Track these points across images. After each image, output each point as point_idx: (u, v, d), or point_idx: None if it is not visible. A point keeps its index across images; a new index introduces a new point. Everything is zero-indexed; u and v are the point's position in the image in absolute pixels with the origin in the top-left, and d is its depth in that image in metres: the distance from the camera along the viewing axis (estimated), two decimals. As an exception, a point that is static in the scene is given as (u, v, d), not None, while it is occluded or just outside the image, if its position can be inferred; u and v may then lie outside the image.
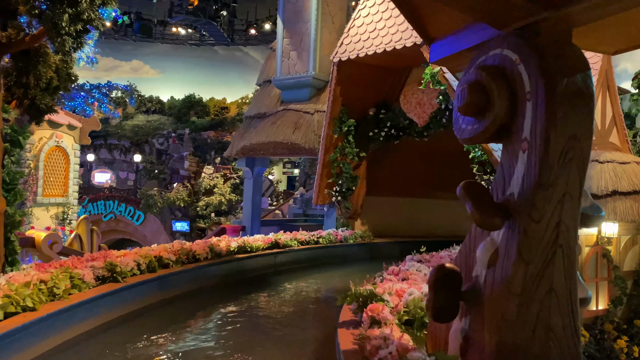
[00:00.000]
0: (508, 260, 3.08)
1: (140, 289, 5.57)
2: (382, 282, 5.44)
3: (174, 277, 6.27)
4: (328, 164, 11.22)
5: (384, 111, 10.93)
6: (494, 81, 3.12)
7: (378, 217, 12.19)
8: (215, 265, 7.22)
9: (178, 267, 6.49)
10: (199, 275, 6.83)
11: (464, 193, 3.22)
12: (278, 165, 37.53)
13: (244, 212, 14.52)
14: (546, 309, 3.03)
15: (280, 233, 9.40)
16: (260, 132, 12.90)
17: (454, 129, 3.46)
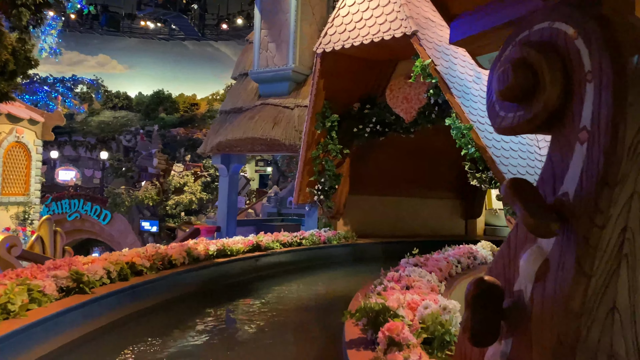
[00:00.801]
0: (563, 273, 2.55)
1: (110, 301, 4.92)
2: (385, 290, 4.94)
3: (149, 285, 5.63)
4: (310, 161, 10.67)
5: (369, 106, 10.45)
6: (545, 58, 2.59)
7: (361, 217, 11.71)
8: (193, 271, 6.59)
9: (153, 275, 5.85)
10: (176, 282, 6.19)
11: (512, 193, 2.66)
12: (250, 164, 36.87)
13: (219, 211, 13.85)
14: (608, 331, 2.52)
15: (261, 235, 8.81)
16: (237, 128, 12.26)
17: (489, 117, 2.91)
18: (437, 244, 12.44)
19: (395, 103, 9.99)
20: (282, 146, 11.65)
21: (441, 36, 8.94)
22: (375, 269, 9.98)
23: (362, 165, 11.45)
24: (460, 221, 14.02)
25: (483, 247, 8.45)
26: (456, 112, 8.08)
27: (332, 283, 8.31)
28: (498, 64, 2.85)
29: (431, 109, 9.37)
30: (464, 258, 7.32)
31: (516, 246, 3.15)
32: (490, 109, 2.83)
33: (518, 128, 2.90)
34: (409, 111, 9.77)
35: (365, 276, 9.24)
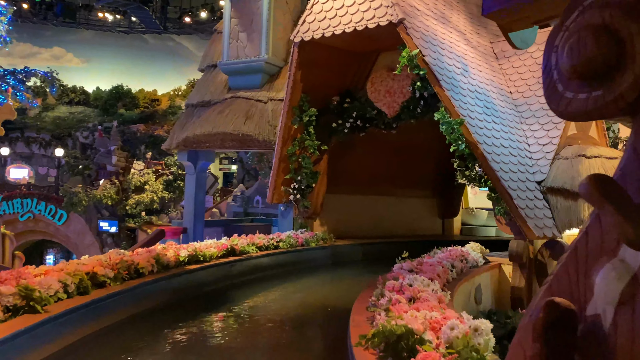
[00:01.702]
0: (662, 296, 1.96)
1: (68, 320, 4.16)
2: (390, 303, 4.35)
3: (113, 299, 4.87)
4: (285, 158, 10.01)
5: (349, 100, 9.86)
6: (636, 21, 2.03)
7: (338, 217, 11.13)
8: (163, 281, 5.85)
9: (117, 286, 5.10)
10: (144, 294, 5.45)
11: (599, 193, 2.04)
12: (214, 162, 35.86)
13: (186, 212, 13.02)
14: None
15: (235, 238, 8.11)
16: (206, 122, 11.48)
17: (549, 100, 2.30)
18: (418, 244, 11.99)
19: (377, 97, 9.44)
20: (255, 142, 10.95)
21: (427, 26, 8.44)
22: (358, 273, 9.43)
23: (339, 162, 10.87)
24: (437, 220, 13.63)
25: (473, 249, 8.00)
26: (445, 106, 7.58)
27: (315, 291, 7.69)
28: (563, 34, 2.20)
29: (416, 103, 8.86)
30: (457, 262, 6.83)
31: (587, 259, 2.49)
32: (550, 91, 2.21)
33: (595, 112, 2.26)
34: (392, 105, 9.24)
35: (349, 282, 8.69)
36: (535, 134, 8.45)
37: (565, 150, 8.23)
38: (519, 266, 7.61)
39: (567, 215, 7.60)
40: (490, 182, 7.55)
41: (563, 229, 7.60)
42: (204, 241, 10.92)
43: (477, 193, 14.67)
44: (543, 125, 8.44)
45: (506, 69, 9.56)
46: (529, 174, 7.92)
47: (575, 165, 7.85)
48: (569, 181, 7.69)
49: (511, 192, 7.28)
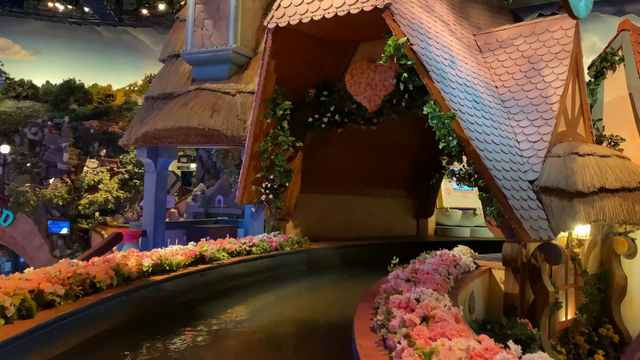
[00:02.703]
0: None
1: (4, 355, 3.32)
2: (389, 319, 3.72)
3: (64, 322, 4.03)
4: (257, 155, 9.24)
5: (326, 93, 9.18)
6: None
7: (312, 218, 10.46)
8: (124, 296, 5.02)
9: (69, 305, 4.25)
10: (102, 313, 4.61)
11: None
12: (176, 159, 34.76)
13: (145, 213, 12.05)
14: None
15: (204, 243, 7.30)
16: (168, 116, 10.57)
17: None
18: (395, 247, 11.45)
19: (356, 90, 8.81)
20: (223, 138, 10.12)
21: (413, 13, 7.85)
22: (339, 280, 8.74)
23: (313, 160, 10.18)
24: (412, 221, 13.14)
25: (463, 253, 7.47)
26: (435, 99, 7.00)
27: (296, 302, 6.96)
28: None
29: (400, 96, 8.26)
30: (452, 268, 6.27)
31: None
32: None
33: None
34: (373, 99, 8.63)
35: (332, 290, 7.97)
36: (525, 131, 7.99)
37: (557, 147, 7.81)
38: (511, 271, 7.12)
39: (562, 216, 7.15)
40: (481, 181, 7.02)
41: (558, 230, 7.15)
42: (166, 245, 10.04)
43: (451, 192, 14.28)
44: (533, 122, 7.99)
45: (491, 63, 9.09)
46: (521, 173, 7.45)
47: (569, 163, 7.42)
48: (562, 180, 7.25)
49: (505, 191, 6.78)
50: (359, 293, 7.76)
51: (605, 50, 9.56)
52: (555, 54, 8.37)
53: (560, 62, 8.26)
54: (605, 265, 9.17)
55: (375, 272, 9.47)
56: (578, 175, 7.26)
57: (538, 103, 8.11)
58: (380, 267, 9.96)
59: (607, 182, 7.13)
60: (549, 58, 8.41)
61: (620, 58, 9.38)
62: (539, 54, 8.58)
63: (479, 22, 10.25)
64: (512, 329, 6.06)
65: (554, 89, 8.09)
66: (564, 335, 8.19)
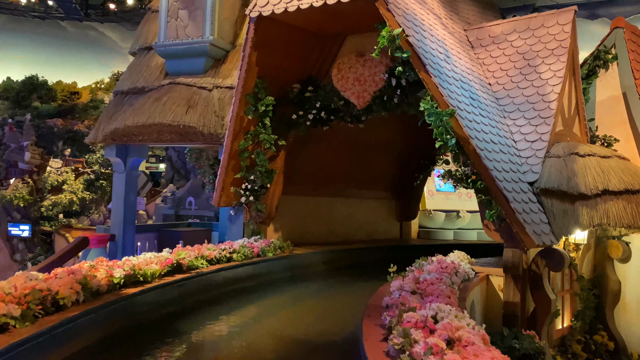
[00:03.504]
0: None
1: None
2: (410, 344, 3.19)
3: (20, 350, 3.37)
4: (236, 153, 8.63)
5: (312, 88, 8.63)
6: None
7: (294, 221, 9.90)
8: (92, 314, 4.34)
9: (26, 329, 3.59)
10: (67, 335, 3.95)
11: None
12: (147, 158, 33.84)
13: (114, 216, 11.26)
14: None
15: (181, 250, 6.65)
16: (139, 112, 9.84)
17: None
18: (380, 251, 10.97)
19: (344, 85, 8.28)
20: (199, 135, 9.45)
21: (407, 3, 7.37)
22: (325, 288, 8.10)
23: (295, 160, 9.62)
24: (395, 223, 12.69)
25: (460, 259, 7.02)
26: (432, 94, 6.53)
27: (281, 316, 6.36)
28: None
29: (391, 92, 7.77)
30: (454, 276, 5.80)
31: None
32: None
33: None
34: (362, 95, 8.12)
35: (323, 300, 7.37)
36: (522, 130, 7.60)
37: (556, 147, 7.45)
38: (512, 278, 6.70)
39: (564, 220, 6.78)
40: (480, 182, 6.58)
41: (560, 235, 6.77)
42: (136, 251, 9.34)
43: (434, 194, 13.91)
44: (530, 120, 7.61)
45: (483, 59, 8.70)
46: (520, 174, 7.04)
47: (570, 164, 7.06)
48: (564, 182, 6.87)
49: (507, 194, 6.34)
50: (350, 303, 7.27)
51: (598, 48, 9.29)
52: (551, 50, 8.02)
53: (557, 58, 7.91)
54: (599, 270, 8.88)
55: (363, 278, 9.00)
56: (580, 177, 6.90)
57: (535, 101, 7.74)
58: (367, 273, 9.53)
59: (610, 184, 6.79)
60: (545, 54, 8.06)
61: (613, 56, 9.12)
62: (534, 50, 8.22)
63: (468, 18, 9.88)
64: (520, 343, 5.62)
65: (551, 86, 7.74)
66: (561, 343, 7.84)
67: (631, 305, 8.73)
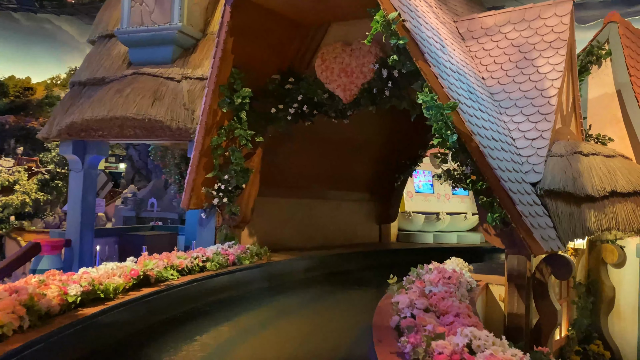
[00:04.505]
0: None
1: None
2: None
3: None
4: (208, 151, 7.82)
5: (293, 80, 7.90)
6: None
7: (271, 225, 9.14)
8: (40, 343, 3.51)
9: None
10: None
11: None
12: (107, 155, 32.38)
13: (70, 219, 10.23)
14: None
15: (148, 259, 5.81)
16: (99, 104, 8.89)
17: None
18: (361, 257, 10.30)
19: (329, 77, 7.59)
20: (166, 130, 8.58)
21: (400, -13, 6.73)
22: (310, 301, 7.26)
23: (272, 159, 8.88)
24: (374, 226, 12.07)
25: (460, 267, 6.42)
26: (432, 86, 5.91)
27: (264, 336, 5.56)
28: None
29: (382, 85, 7.12)
30: (462, 289, 5.19)
31: None
32: None
33: None
34: (349, 88, 7.44)
35: (304, 317, 6.60)
36: (520, 127, 7.08)
37: (557, 146, 6.95)
38: (516, 287, 6.14)
39: (570, 224, 6.26)
40: (482, 183, 5.99)
41: (567, 240, 6.25)
42: (95, 258, 8.46)
43: (414, 196, 13.37)
44: (529, 117, 7.09)
45: (475, 52, 8.16)
46: (523, 174, 6.50)
47: (574, 163, 6.57)
48: (569, 183, 6.36)
49: (513, 195, 5.78)
50: (339, 318, 6.55)
51: (591, 43, 8.90)
52: (549, 43, 7.54)
53: (555, 51, 7.43)
54: (593, 275, 8.47)
55: (348, 288, 8.31)
56: (585, 177, 6.41)
57: (533, 96, 7.23)
58: (351, 282, 8.84)
59: (617, 185, 6.32)
60: (542, 47, 7.57)
61: (607, 52, 8.74)
62: (530, 42, 7.73)
63: (456, 9, 9.34)
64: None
65: (550, 80, 7.25)
66: (560, 355, 7.37)
67: (626, 312, 8.36)
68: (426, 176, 13.82)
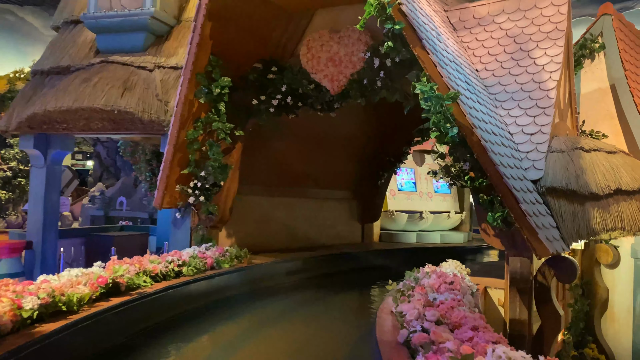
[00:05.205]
0: None
1: None
2: None
3: None
4: (184, 145, 7.23)
5: (276, 69, 7.35)
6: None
7: (251, 225, 8.60)
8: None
9: None
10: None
11: None
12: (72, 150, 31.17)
13: (31, 219, 9.45)
14: None
15: (117, 264, 5.21)
16: (63, 94, 8.18)
17: None
18: (344, 259, 9.80)
19: (315, 66, 7.07)
20: (137, 122, 7.92)
21: (393, -30, 6.26)
22: (295, 307, 6.64)
23: (253, 155, 8.33)
24: (357, 226, 11.61)
25: (459, 270, 6.00)
26: (430, 75, 5.47)
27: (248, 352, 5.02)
28: None
29: (373, 75, 6.63)
30: (468, 295, 4.76)
31: None
32: None
33: None
34: (337, 78, 6.94)
35: (292, 327, 5.96)
36: (518, 121, 6.69)
37: (557, 141, 6.59)
38: (518, 292, 5.75)
39: (574, 224, 5.90)
40: (482, 180, 5.58)
41: (570, 241, 5.89)
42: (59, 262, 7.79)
43: (396, 194, 12.97)
44: (526, 110, 6.71)
45: (468, 42, 7.76)
46: (523, 171, 6.12)
47: (576, 160, 6.22)
48: (572, 180, 6.00)
49: (516, 194, 5.37)
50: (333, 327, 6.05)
51: (584, 36, 8.61)
52: (546, 34, 7.19)
53: (553, 42, 7.08)
54: (587, 276, 8.19)
55: (335, 293, 7.80)
56: (589, 174, 6.07)
57: (531, 89, 6.86)
58: (338, 286, 8.32)
59: (622, 183, 5.98)
60: (539, 38, 7.21)
61: (600, 45, 8.46)
62: (526, 33, 7.37)
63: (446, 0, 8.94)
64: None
65: (548, 72, 6.89)
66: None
67: (620, 314, 8.09)
68: (409, 174, 13.44)
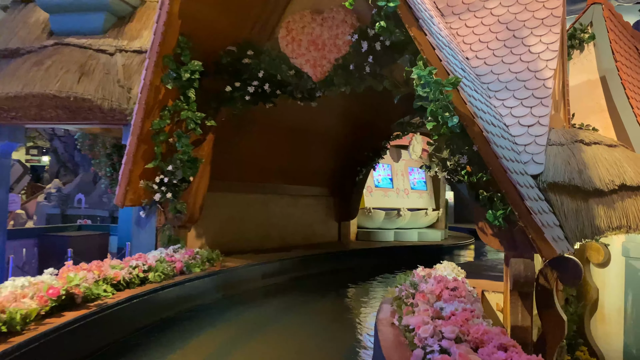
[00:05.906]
0: None
1: None
2: None
3: None
4: (149, 136, 6.51)
5: (252, 53, 6.70)
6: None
7: (222, 224, 7.94)
8: None
9: None
10: None
11: None
12: (18, 151, 29.41)
13: (-25, 218, 8.53)
14: None
15: (72, 270, 4.48)
16: (11, 79, 7.31)
17: None
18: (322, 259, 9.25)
19: (295, 51, 6.45)
20: (96, 111, 7.14)
21: (383, -55, 5.70)
22: (275, 316, 5.99)
23: (225, 148, 7.66)
24: (333, 224, 11.05)
25: (455, 273, 5.51)
26: (427, 58, 4.95)
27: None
28: None
29: (361, 60, 6.06)
30: (476, 303, 4.26)
31: None
32: None
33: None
34: (320, 64, 6.34)
35: (272, 341, 5.33)
36: (514, 112, 6.24)
37: (555, 134, 6.18)
38: (519, 296, 5.30)
39: (577, 222, 5.49)
40: (483, 174, 5.11)
41: (574, 240, 5.48)
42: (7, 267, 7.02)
43: (373, 191, 12.48)
44: (522, 101, 6.27)
45: (457, 29, 7.29)
46: (523, 165, 5.68)
47: (577, 153, 5.82)
48: (575, 175, 5.59)
49: (520, 189, 4.91)
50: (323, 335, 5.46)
51: (573, 26, 8.27)
52: (541, 20, 6.78)
53: (548, 29, 6.67)
54: (577, 276, 7.85)
55: (314, 299, 7.20)
56: (591, 169, 5.66)
57: (526, 78, 6.43)
58: (316, 291, 7.76)
59: (626, 178, 5.61)
60: (533, 24, 6.80)
61: (590, 35, 8.13)
62: (520, 19, 6.94)
63: (430, -17, 8.45)
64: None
65: (544, 61, 6.47)
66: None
67: (610, 315, 7.79)
68: (385, 170, 12.97)
